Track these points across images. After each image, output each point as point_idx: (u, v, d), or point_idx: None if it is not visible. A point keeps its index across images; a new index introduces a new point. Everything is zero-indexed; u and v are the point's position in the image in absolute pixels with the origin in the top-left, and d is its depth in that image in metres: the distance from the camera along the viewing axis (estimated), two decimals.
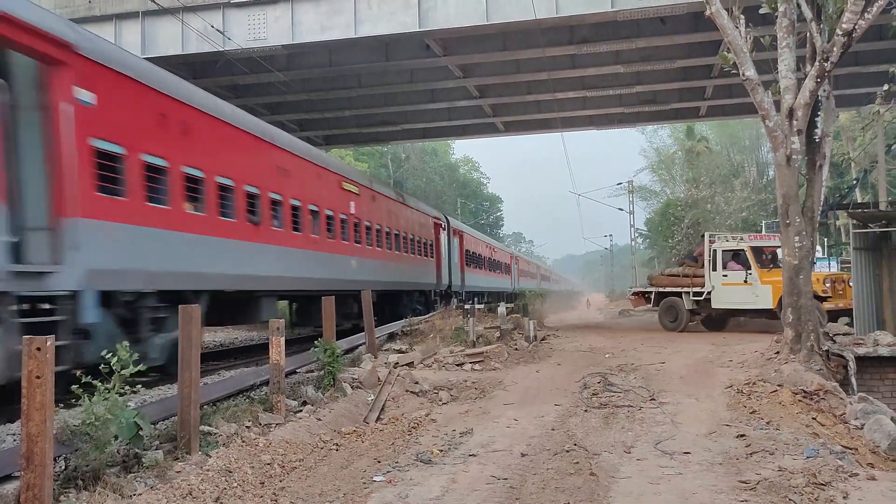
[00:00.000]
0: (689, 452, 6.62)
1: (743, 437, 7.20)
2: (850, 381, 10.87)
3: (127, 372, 5.36)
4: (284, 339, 8.02)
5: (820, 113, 11.69)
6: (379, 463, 6.50)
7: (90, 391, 5.24)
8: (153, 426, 6.24)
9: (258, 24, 19.16)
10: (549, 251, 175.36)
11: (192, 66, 21.42)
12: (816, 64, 10.93)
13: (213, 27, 18.29)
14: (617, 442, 7.10)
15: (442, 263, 27.30)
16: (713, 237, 19.97)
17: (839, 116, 31.88)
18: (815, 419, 8.34)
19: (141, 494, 5.06)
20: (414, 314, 19.55)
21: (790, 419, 8.09)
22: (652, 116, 30.95)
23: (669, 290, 19.86)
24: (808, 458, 6.28)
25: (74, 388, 5.27)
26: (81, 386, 5.24)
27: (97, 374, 5.45)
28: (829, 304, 16.69)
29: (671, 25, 19.55)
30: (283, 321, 8.02)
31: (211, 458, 5.94)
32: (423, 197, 45.75)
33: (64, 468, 5.16)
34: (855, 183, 37.08)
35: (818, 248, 15.43)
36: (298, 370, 10.18)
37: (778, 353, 11.08)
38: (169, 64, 18.67)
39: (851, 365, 11.07)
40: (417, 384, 10.42)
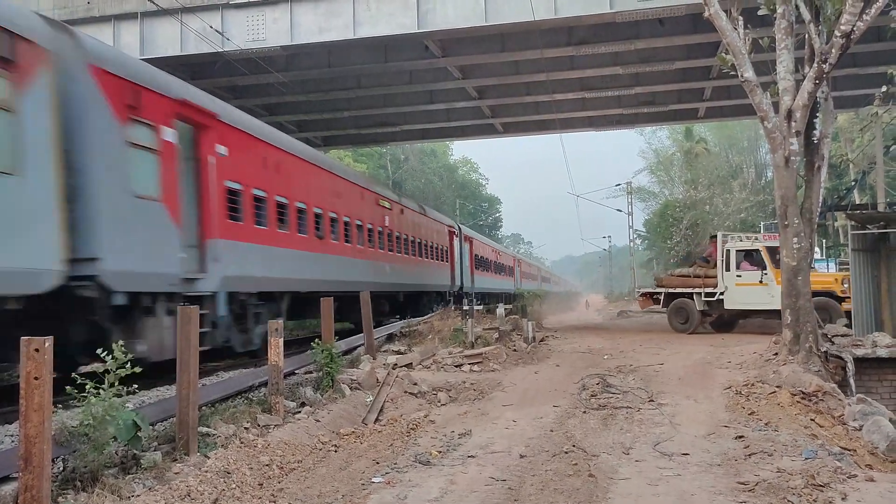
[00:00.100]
0: (687, 454, 6.62)
1: (741, 438, 7.20)
2: (848, 382, 10.87)
3: (123, 372, 5.35)
4: (283, 340, 8.07)
5: (818, 114, 11.69)
6: (377, 464, 6.50)
7: (83, 392, 5.22)
8: (152, 427, 6.25)
9: (257, 25, 19.16)
10: (547, 252, 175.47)
11: (190, 66, 21.39)
12: (815, 65, 10.95)
13: (211, 28, 18.29)
14: (616, 443, 7.10)
15: (455, 267, 30.11)
16: (726, 237, 19.59)
17: (838, 118, 31.89)
18: (813, 420, 8.35)
19: (139, 496, 5.06)
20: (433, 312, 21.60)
21: (789, 420, 8.10)
22: (651, 118, 30.94)
23: (680, 290, 19.53)
24: (806, 459, 6.29)
25: (69, 388, 5.27)
26: (77, 387, 5.24)
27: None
28: (847, 304, 16.31)
29: (670, 27, 19.55)
30: (281, 322, 8.16)
31: (209, 459, 5.94)
32: (422, 198, 45.94)
33: (62, 469, 5.15)
34: (853, 184, 37.13)
35: (816, 249, 15.38)
36: (297, 371, 10.18)
37: (776, 354, 11.08)
38: (167, 65, 18.71)
39: (850, 366, 11.07)
40: (416, 385, 10.42)
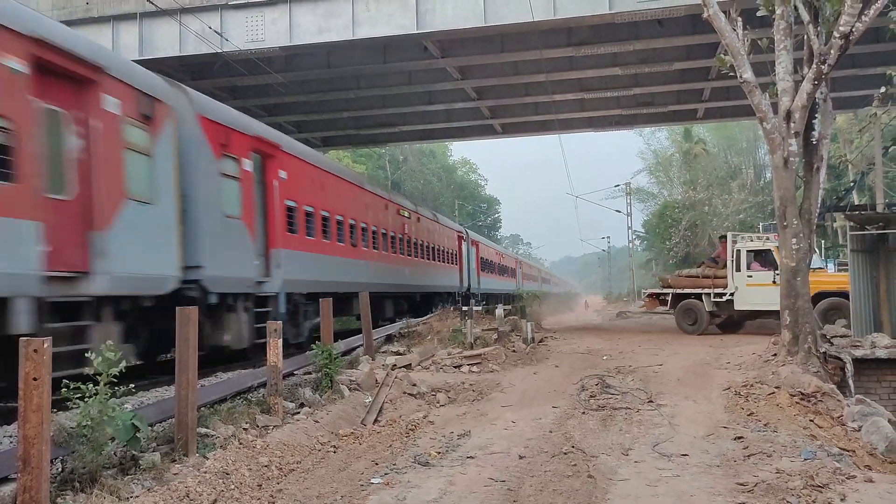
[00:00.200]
0: (686, 454, 6.62)
1: (740, 439, 7.21)
2: (847, 383, 10.88)
3: (115, 370, 5.32)
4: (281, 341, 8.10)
5: (817, 115, 11.70)
6: (376, 465, 6.49)
7: (80, 393, 5.19)
8: (150, 428, 6.22)
9: (256, 25, 19.13)
10: (546, 253, 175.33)
11: (189, 67, 21.37)
12: (814, 66, 10.95)
13: (210, 28, 18.25)
14: (615, 444, 7.10)
15: (463, 269, 32.24)
16: (736, 238, 19.30)
17: (836, 119, 31.87)
18: (812, 421, 8.35)
19: (138, 496, 5.05)
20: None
21: (788, 421, 8.10)
22: (650, 118, 30.91)
23: (688, 291, 19.29)
24: (805, 460, 6.29)
25: (64, 390, 5.25)
26: (71, 390, 5.21)
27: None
28: None
29: (669, 27, 19.53)
30: (279, 323, 8.15)
31: (208, 460, 5.93)
32: (420, 198, 46.01)
33: (61, 470, 5.13)
34: (852, 185, 37.14)
35: (815, 250, 15.33)
36: (296, 372, 10.17)
37: (775, 355, 11.09)
38: (167, 66, 18.71)
39: (849, 367, 11.08)
40: (415, 386, 10.41)
